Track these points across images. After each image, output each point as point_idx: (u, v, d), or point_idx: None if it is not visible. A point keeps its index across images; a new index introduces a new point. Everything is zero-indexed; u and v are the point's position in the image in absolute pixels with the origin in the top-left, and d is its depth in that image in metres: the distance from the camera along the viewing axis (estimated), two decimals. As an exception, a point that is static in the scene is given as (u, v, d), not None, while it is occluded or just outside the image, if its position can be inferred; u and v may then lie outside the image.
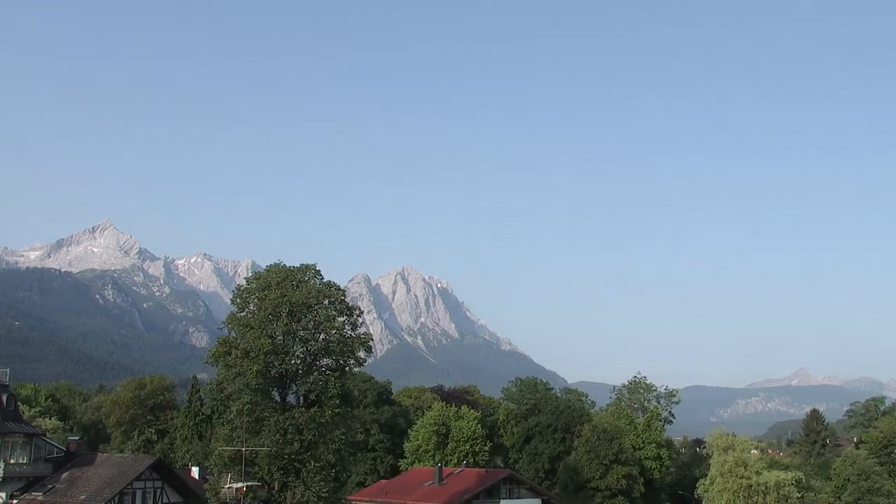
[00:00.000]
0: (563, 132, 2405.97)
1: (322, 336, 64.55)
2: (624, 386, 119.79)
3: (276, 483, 62.02)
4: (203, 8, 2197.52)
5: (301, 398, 65.39)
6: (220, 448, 62.11)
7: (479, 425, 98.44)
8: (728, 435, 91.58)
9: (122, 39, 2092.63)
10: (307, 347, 64.26)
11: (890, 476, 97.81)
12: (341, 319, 65.25)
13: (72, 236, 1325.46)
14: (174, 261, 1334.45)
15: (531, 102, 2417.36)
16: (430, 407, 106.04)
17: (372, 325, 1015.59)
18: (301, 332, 63.37)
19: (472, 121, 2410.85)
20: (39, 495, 62.20)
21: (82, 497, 60.64)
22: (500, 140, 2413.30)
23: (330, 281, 67.62)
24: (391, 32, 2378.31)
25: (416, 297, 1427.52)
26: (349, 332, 66.13)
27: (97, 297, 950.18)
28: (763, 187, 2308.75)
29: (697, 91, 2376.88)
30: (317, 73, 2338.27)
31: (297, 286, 64.47)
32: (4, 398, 63.77)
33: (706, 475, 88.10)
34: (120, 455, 74.46)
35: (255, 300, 65.02)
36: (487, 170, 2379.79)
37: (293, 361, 64.24)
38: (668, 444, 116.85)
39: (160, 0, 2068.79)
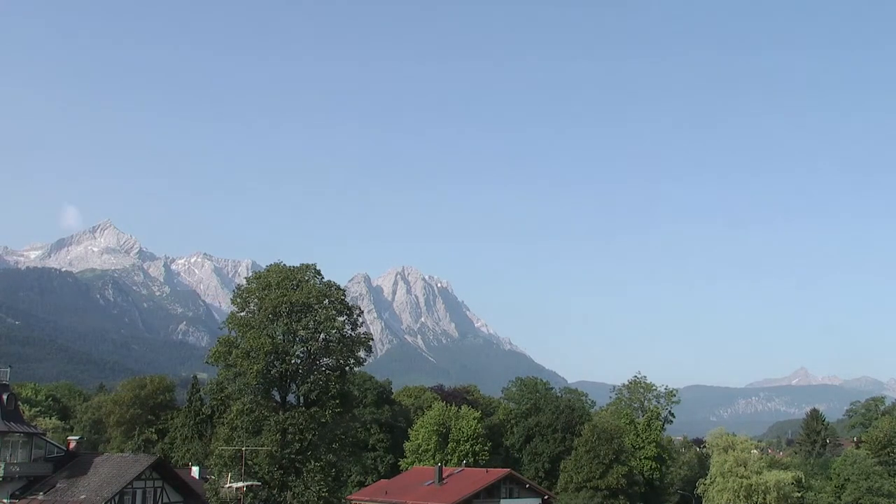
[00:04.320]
0: (562, 132, 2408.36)
1: (322, 336, 64.70)
2: (624, 386, 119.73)
3: (276, 483, 62.06)
4: (207, 5, 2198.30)
5: (301, 398, 65.47)
6: (220, 448, 62.17)
7: (479, 425, 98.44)
8: (728, 435, 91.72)
9: (122, 36, 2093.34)
10: (307, 347, 64.38)
11: (890, 476, 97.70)
12: (341, 319, 65.40)
13: (72, 236, 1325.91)
14: (174, 261, 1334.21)
15: (533, 106, 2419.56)
16: (430, 407, 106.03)
17: (372, 324, 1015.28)
18: (301, 332, 63.47)
19: (471, 122, 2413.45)
20: (40, 495, 62.17)
21: (82, 497, 60.62)
22: (500, 141, 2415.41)
23: (330, 281, 67.74)
24: (391, 40, 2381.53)
25: (416, 297, 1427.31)
26: (349, 332, 66.28)
27: (97, 297, 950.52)
28: (762, 188, 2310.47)
29: (684, 104, 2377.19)
30: (318, 76, 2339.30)
31: (298, 286, 64.58)
32: (4, 398, 63.71)
33: (706, 474, 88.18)
34: (120, 455, 74.32)
35: (256, 300, 65.16)
36: (487, 169, 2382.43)
37: (293, 361, 64.36)
38: (669, 443, 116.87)
39: None
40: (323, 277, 67.28)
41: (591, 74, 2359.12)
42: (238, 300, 66.79)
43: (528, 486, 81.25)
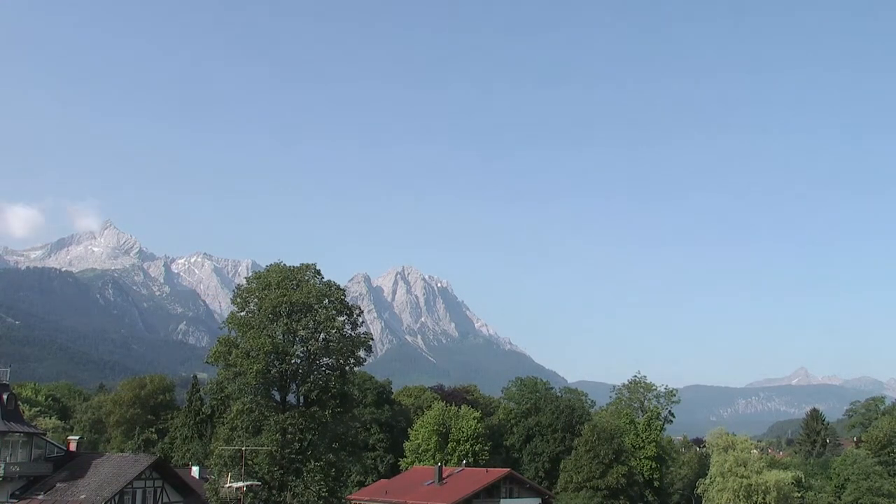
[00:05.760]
0: (559, 131, 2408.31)
1: (322, 336, 64.67)
2: (624, 385, 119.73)
3: (276, 483, 62.07)
4: (210, 7, 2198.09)
5: (301, 398, 65.49)
6: (220, 448, 62.17)
7: (479, 425, 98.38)
8: (728, 434, 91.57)
9: (123, 37, 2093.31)
10: (307, 347, 64.35)
11: (890, 476, 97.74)
12: (341, 319, 65.38)
13: (72, 236, 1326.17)
14: (174, 261, 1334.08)
15: (535, 102, 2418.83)
16: (430, 406, 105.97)
17: (372, 324, 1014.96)
18: (301, 332, 63.45)
19: (469, 121, 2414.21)
20: (40, 495, 62.14)
21: (82, 496, 60.59)
22: (499, 141, 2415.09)
23: (330, 281, 67.71)
24: (396, 60, 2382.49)
25: (416, 296, 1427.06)
26: (349, 332, 66.25)
27: (97, 297, 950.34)
28: (762, 188, 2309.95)
29: (684, 115, 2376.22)
30: (320, 88, 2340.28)
31: (298, 286, 64.57)
32: (5, 397, 63.64)
33: (706, 474, 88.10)
34: (120, 455, 74.27)
35: (256, 300, 65.14)
36: (487, 169, 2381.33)
37: (293, 361, 64.34)
38: (669, 443, 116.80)
39: None
40: (323, 277, 67.28)
41: (589, 96, 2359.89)
42: (238, 300, 66.79)
43: (528, 485, 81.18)
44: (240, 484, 58.13)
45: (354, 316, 66.98)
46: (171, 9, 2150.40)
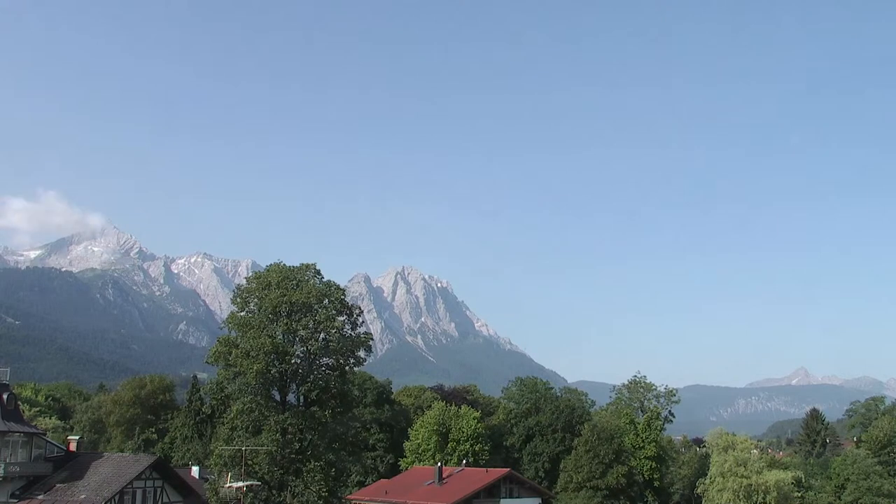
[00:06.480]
0: (556, 128, 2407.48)
1: (322, 336, 64.75)
2: (624, 385, 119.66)
3: (276, 482, 62.10)
4: (209, 11, 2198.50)
5: (301, 398, 65.56)
6: (220, 448, 62.19)
7: (480, 425, 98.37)
8: (728, 434, 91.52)
9: (126, 39, 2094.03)
10: (307, 347, 64.41)
11: (890, 476, 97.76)
12: (341, 319, 65.45)
13: (72, 236, 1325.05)
14: (174, 261, 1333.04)
15: (531, 97, 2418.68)
16: (430, 406, 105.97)
17: (372, 324, 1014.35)
18: (301, 332, 63.50)
19: (468, 120, 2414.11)
20: (40, 495, 62.13)
21: (82, 496, 60.57)
22: (498, 141, 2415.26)
23: (330, 280, 67.77)
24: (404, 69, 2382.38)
25: (416, 297, 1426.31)
26: (349, 332, 66.32)
27: (97, 297, 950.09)
28: (763, 187, 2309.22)
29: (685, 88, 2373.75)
30: (321, 84, 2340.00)
31: (298, 286, 64.63)
32: (5, 397, 63.60)
33: (706, 474, 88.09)
34: (120, 454, 74.21)
35: (256, 300, 65.22)
36: (487, 170, 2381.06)
37: (293, 361, 64.39)
38: (669, 443, 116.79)
39: (165, 2, 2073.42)
40: (323, 277, 67.34)
41: (591, 98, 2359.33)
42: (238, 300, 66.84)
43: (528, 485, 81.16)
44: (240, 484, 58.16)
45: (354, 316, 67.03)
46: (171, 13, 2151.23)
